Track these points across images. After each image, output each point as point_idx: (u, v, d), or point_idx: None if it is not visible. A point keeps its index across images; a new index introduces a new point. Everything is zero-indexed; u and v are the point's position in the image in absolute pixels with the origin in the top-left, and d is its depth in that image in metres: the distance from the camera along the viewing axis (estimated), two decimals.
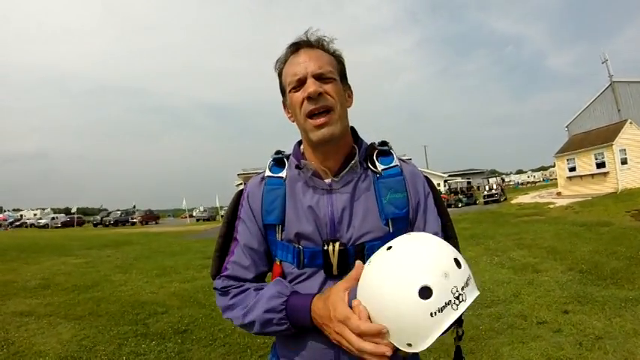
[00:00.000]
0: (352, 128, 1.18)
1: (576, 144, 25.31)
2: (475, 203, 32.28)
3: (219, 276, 1.15)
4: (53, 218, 47.11)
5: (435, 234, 1.06)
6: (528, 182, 70.58)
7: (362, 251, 1.04)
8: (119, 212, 47.70)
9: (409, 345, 0.81)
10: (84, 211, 75.56)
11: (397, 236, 0.97)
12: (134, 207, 52.28)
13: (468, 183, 49.97)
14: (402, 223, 1.09)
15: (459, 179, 54.15)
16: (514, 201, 27.24)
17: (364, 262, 0.98)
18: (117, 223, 42.80)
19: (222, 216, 47.44)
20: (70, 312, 5.69)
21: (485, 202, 30.28)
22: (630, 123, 22.13)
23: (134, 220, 44.71)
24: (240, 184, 36.47)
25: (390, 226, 1.07)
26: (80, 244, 17.17)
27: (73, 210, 48.56)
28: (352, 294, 0.90)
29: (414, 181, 1.14)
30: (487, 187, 34.97)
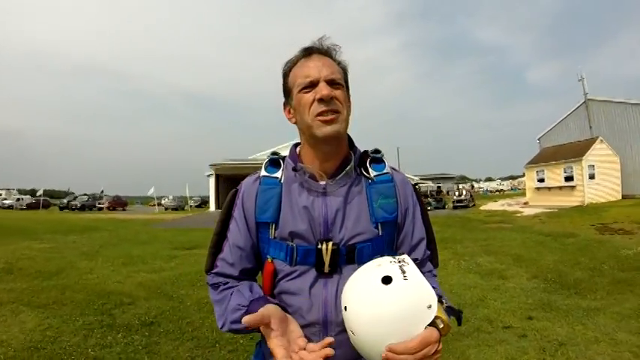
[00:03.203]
0: (348, 136, 1.23)
1: (547, 156, 26.06)
2: (444, 207, 32.76)
3: (210, 272, 1.20)
4: (18, 199, 45.56)
5: (421, 239, 1.22)
6: (497, 190, 71.90)
7: (353, 251, 1.10)
8: (86, 196, 46.40)
9: None
10: (50, 194, 73.18)
11: (386, 239, 1.14)
12: (102, 192, 50.98)
13: (438, 187, 50.72)
14: (391, 227, 1.16)
15: (429, 183, 54.91)
16: (482, 207, 27.77)
17: (355, 262, 1.09)
18: (83, 207, 41.64)
19: (190, 206, 47.26)
20: (34, 299, 5.51)
21: (454, 207, 30.79)
22: (601, 140, 22.99)
23: (101, 206, 43.73)
24: (211, 174, 35.96)
25: (380, 230, 1.13)
26: (45, 228, 16.73)
27: (39, 192, 47.01)
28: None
29: (403, 188, 1.21)
30: (457, 193, 35.47)
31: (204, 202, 52.37)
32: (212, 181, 36.47)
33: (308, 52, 1.15)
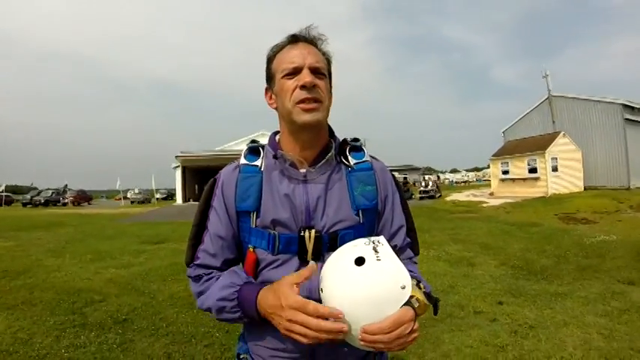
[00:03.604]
0: (328, 125, 1.23)
1: (511, 149, 26.72)
2: (411, 198, 32.91)
3: (191, 264, 1.18)
4: None
5: (401, 226, 1.24)
6: (463, 181, 72.92)
7: (335, 239, 1.10)
8: (50, 191, 44.74)
9: None
10: (13, 189, 70.32)
11: (367, 226, 1.15)
12: (66, 186, 49.30)
13: (405, 178, 50.97)
14: (371, 214, 1.18)
15: (396, 174, 54.99)
16: (448, 198, 28.03)
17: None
18: (47, 203, 40.01)
19: (157, 199, 46.28)
20: (2, 301, 5.29)
21: (421, 198, 30.82)
22: (563, 135, 23.71)
23: (66, 201, 42.22)
24: (178, 166, 35.30)
25: (361, 217, 1.15)
26: (8, 225, 16.10)
27: (1, 188, 45.11)
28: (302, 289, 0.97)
29: (383, 176, 1.23)
30: (423, 183, 35.53)
31: (170, 195, 51.47)
32: (179, 173, 35.77)
33: (294, 39, 1.15)
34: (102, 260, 8.26)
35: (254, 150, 1.21)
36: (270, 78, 1.18)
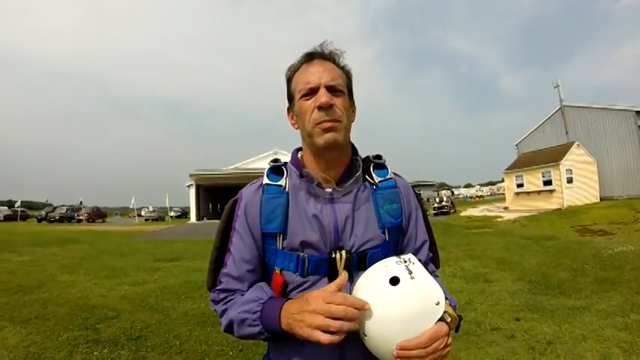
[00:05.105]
0: (351, 143, 1.22)
1: (525, 162, 26.51)
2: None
3: (214, 289, 1.15)
4: None
5: (424, 242, 1.24)
6: (477, 196, 72.51)
7: (364, 258, 1.09)
8: (65, 208, 45.25)
9: None
10: (28, 205, 71.53)
11: (392, 244, 1.14)
12: (81, 203, 49.92)
13: (419, 194, 50.75)
14: (396, 232, 1.16)
15: None
16: (463, 213, 27.84)
17: (366, 268, 1.05)
18: (62, 219, 40.39)
19: (171, 216, 46.60)
20: (16, 314, 5.33)
21: (435, 214, 30.61)
22: (577, 145, 23.46)
23: (80, 217, 42.44)
24: (191, 184, 35.44)
25: (387, 235, 1.13)
26: (24, 240, 16.28)
27: (17, 203, 45.76)
28: None
29: (406, 193, 1.23)
30: (437, 199, 35.32)
31: (184, 213, 51.87)
32: (192, 191, 35.90)
33: (310, 57, 1.14)
34: (116, 277, 8.30)
35: (277, 169, 1.18)
36: (290, 99, 1.17)
